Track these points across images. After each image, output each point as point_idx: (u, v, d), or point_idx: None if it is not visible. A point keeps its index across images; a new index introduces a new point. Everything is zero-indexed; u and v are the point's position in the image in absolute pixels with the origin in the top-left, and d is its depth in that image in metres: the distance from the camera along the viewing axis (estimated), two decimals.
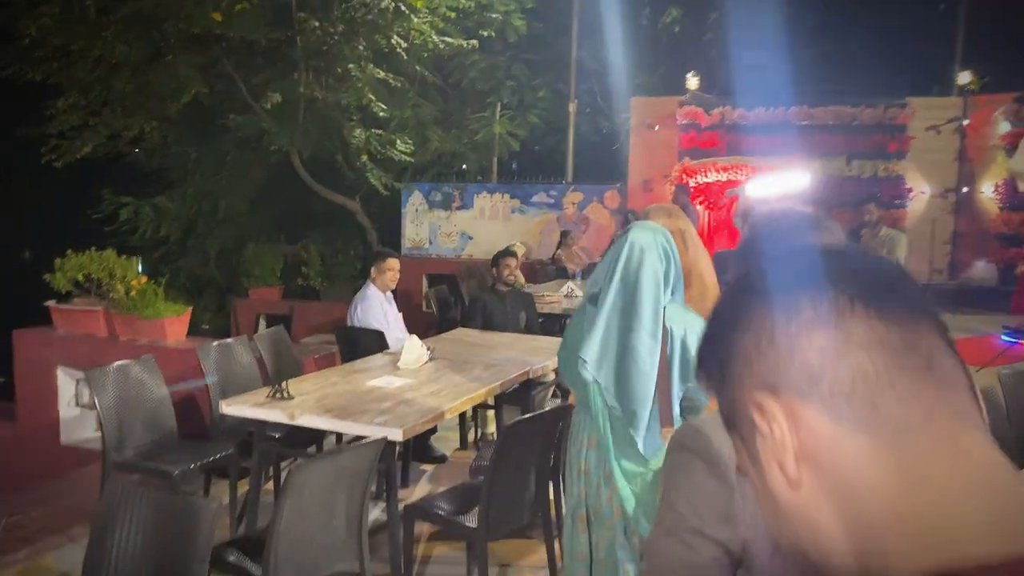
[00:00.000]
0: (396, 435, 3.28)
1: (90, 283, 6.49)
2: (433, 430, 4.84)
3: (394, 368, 4.33)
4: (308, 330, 11.21)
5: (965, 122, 12.27)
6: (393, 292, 5.70)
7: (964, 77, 12.49)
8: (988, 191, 12.11)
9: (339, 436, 4.48)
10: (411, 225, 13.51)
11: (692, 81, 12.67)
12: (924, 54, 14.19)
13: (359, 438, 3.28)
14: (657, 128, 12.67)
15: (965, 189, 12.40)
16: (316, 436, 4.48)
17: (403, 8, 10.14)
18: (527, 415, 3.40)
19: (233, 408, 3.67)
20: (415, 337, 4.56)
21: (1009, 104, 11.77)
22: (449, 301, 8.37)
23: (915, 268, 11.88)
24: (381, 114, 10.91)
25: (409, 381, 4.05)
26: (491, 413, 5.38)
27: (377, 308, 5.37)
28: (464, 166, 14.05)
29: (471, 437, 5.66)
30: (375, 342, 4.97)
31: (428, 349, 4.50)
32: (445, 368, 4.37)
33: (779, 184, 6.77)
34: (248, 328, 11.77)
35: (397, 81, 11.35)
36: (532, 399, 4.93)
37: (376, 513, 4.16)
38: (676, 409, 2.51)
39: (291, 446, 4.40)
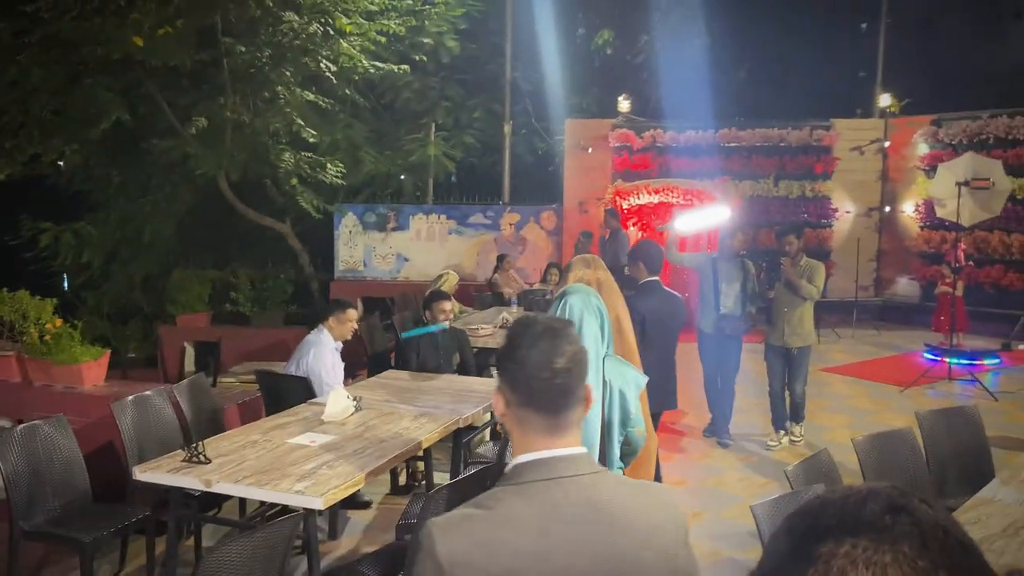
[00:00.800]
0: (316, 504, 3.19)
1: (1, 326, 6.20)
2: None
3: (318, 422, 4.22)
4: (238, 357, 10.91)
5: (887, 143, 12.66)
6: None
7: (885, 100, 12.90)
8: (909, 210, 12.51)
9: None
10: (344, 247, 13.33)
11: (624, 104, 12.81)
12: (847, 77, 14.62)
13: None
14: (591, 150, 12.76)
15: (888, 208, 12.80)
16: None
17: (331, 32, 10.00)
18: (451, 481, 3.34)
19: (147, 475, 3.52)
20: (341, 388, 4.46)
21: (927, 126, 12.18)
22: (379, 329, 8.26)
23: (842, 286, 12.22)
24: (311, 139, 10.74)
25: (333, 438, 3.95)
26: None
27: (328, 357, 5.22)
28: (402, 177, 13.91)
29: (402, 480, 5.58)
30: (299, 391, 4.84)
31: (354, 400, 4.41)
32: (372, 420, 4.28)
33: (703, 219, 7.00)
34: (175, 356, 11.42)
35: (327, 103, 11.20)
36: (466, 444, 4.87)
37: (301, 570, 4.04)
38: (616, 452, 2.85)
39: (211, 504, 4.26)
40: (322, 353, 5.19)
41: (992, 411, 7.67)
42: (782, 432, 6.71)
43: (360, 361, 8.23)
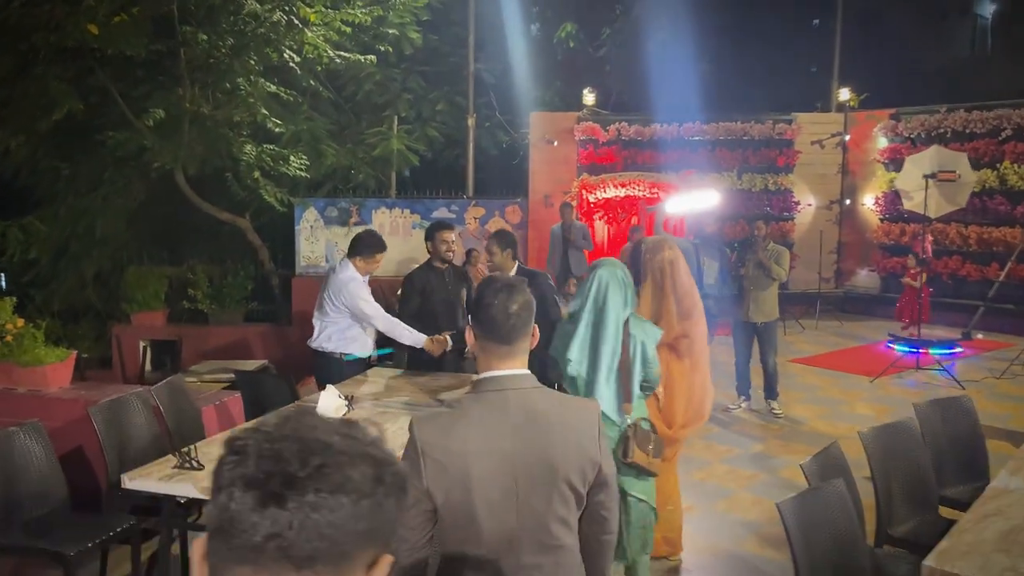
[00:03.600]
0: None
1: None
2: None
3: None
4: (197, 356, 10.63)
5: (847, 137, 12.84)
6: None
7: (844, 94, 13.07)
8: (869, 203, 12.71)
9: None
10: (306, 243, 13.03)
11: (589, 97, 12.76)
12: (806, 71, 14.79)
13: None
14: (556, 143, 12.69)
15: (848, 201, 12.99)
16: None
17: (295, 22, 9.73)
18: None
19: (137, 483, 3.34)
20: (331, 387, 4.30)
21: (886, 120, 12.38)
22: None
23: (805, 277, 12.36)
24: (277, 129, 10.44)
25: None
26: None
27: (365, 288, 5.19)
28: (361, 176, 13.62)
29: None
30: (284, 391, 4.67)
31: (346, 399, 4.26)
32: (364, 420, 4.13)
33: (692, 202, 7.46)
34: (131, 356, 11.07)
35: (289, 95, 10.90)
36: None
37: None
38: (636, 388, 3.57)
39: (189, 510, 4.08)
40: (360, 287, 5.15)
41: (959, 400, 7.82)
42: (743, 398, 7.44)
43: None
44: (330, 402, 4.17)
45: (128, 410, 4.39)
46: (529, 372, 2.03)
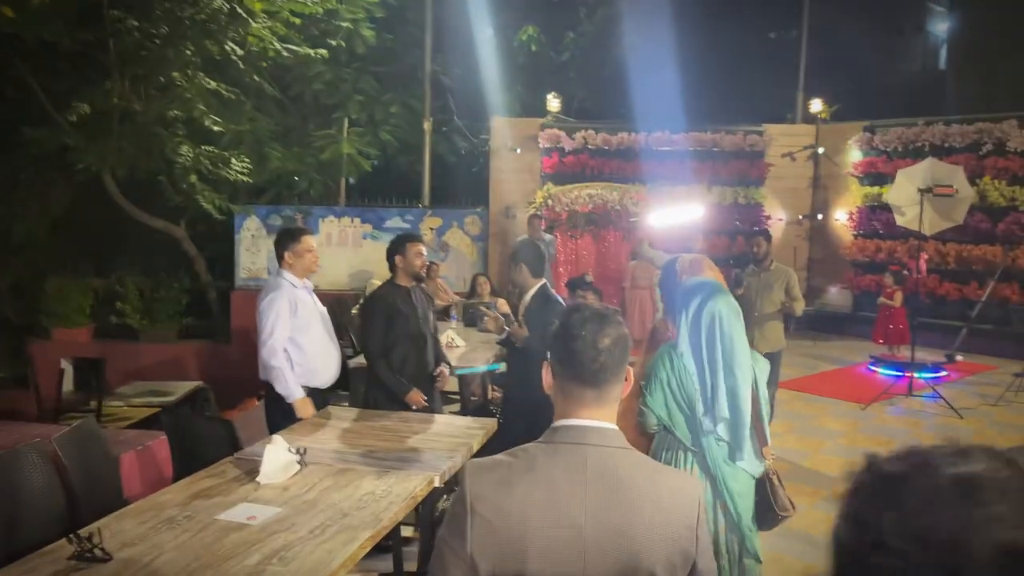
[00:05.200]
0: None
1: None
2: None
3: (253, 485, 3.24)
4: (125, 377, 9.71)
5: (821, 150, 12.40)
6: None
7: (815, 105, 12.64)
8: (842, 218, 12.27)
9: None
10: (246, 253, 12.07)
11: (553, 103, 12.07)
12: (775, 82, 14.39)
13: None
14: (519, 151, 11.97)
15: (820, 216, 12.53)
16: None
17: (239, 11, 8.84)
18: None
19: None
20: (278, 438, 3.48)
21: (860, 133, 11.97)
22: None
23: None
24: (216, 128, 9.50)
25: (277, 511, 2.98)
26: None
27: (285, 302, 4.36)
28: (307, 183, 12.68)
29: None
30: (221, 438, 3.82)
31: (297, 453, 3.44)
32: (323, 481, 3.32)
33: (676, 215, 6.72)
34: (50, 376, 10.02)
35: (231, 93, 9.99)
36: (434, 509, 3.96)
37: None
38: (767, 425, 3.18)
39: None
40: (277, 298, 4.36)
41: (961, 430, 7.31)
42: None
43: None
44: (277, 459, 3.35)
45: (21, 467, 3.48)
46: (618, 428, 1.66)
